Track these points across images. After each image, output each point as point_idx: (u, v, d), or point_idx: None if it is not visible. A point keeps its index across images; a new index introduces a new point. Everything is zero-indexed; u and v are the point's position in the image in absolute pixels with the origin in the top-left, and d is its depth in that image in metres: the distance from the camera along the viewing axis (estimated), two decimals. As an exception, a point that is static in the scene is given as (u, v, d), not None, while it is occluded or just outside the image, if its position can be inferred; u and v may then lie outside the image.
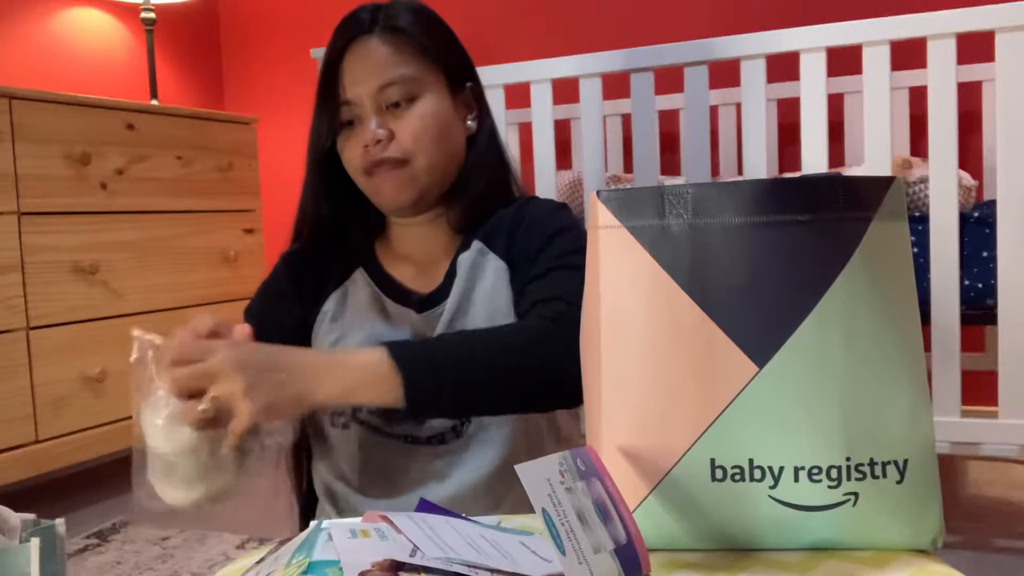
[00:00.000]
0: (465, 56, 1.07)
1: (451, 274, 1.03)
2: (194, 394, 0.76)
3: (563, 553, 0.51)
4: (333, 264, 1.08)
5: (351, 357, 0.83)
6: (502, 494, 0.95)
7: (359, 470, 0.99)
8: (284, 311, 1.05)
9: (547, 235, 1.00)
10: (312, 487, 1.08)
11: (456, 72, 1.04)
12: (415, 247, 1.08)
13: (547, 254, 0.98)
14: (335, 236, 1.08)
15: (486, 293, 1.00)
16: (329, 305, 1.05)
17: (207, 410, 0.75)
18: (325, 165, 1.04)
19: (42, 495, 2.43)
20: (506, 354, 0.86)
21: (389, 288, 1.05)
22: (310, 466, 1.08)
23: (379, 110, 0.99)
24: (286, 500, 1.13)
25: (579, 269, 0.70)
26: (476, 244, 1.03)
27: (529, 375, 0.85)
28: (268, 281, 1.10)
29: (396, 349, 0.83)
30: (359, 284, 1.06)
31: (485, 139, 1.07)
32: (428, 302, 1.02)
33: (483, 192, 1.05)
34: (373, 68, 0.98)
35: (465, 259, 1.02)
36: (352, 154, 1.01)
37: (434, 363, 0.84)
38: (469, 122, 1.06)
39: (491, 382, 0.85)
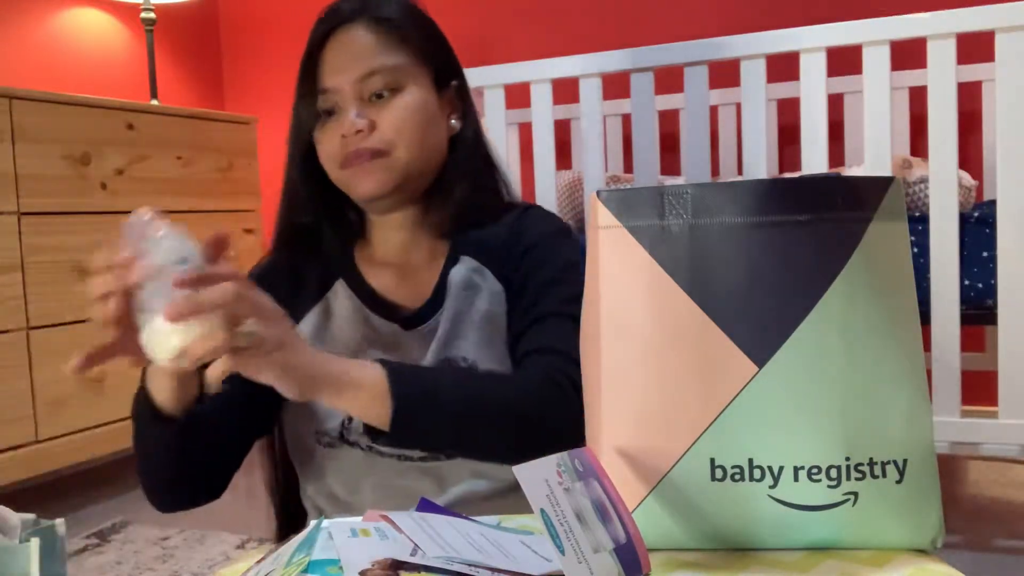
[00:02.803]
0: (451, 53, 1.04)
1: (440, 290, 0.98)
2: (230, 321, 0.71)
3: (562, 553, 0.51)
4: (309, 278, 1.03)
5: (353, 370, 0.81)
6: (495, 509, 0.92)
7: (350, 489, 0.96)
8: None
9: (552, 272, 0.96)
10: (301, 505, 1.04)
11: (441, 68, 1.01)
12: (396, 252, 1.03)
13: (551, 296, 0.94)
14: (310, 246, 1.03)
15: (481, 317, 0.96)
16: (310, 320, 1.00)
17: (244, 336, 0.71)
18: (304, 162, 1.01)
19: (42, 495, 2.43)
20: (506, 409, 0.84)
21: (372, 301, 1.00)
22: (295, 486, 1.05)
23: (360, 100, 0.95)
24: (276, 501, 1.11)
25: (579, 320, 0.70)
26: (469, 261, 0.98)
27: (523, 432, 0.84)
28: None
29: (395, 375, 0.81)
30: (340, 297, 1.01)
31: (470, 139, 1.03)
32: (416, 319, 0.98)
33: (466, 196, 1.00)
34: (356, 56, 0.95)
35: (457, 276, 0.97)
36: (329, 145, 0.97)
37: (432, 399, 0.82)
38: (453, 121, 1.02)
39: (484, 433, 0.84)
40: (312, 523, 0.64)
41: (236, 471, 0.98)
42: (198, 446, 0.90)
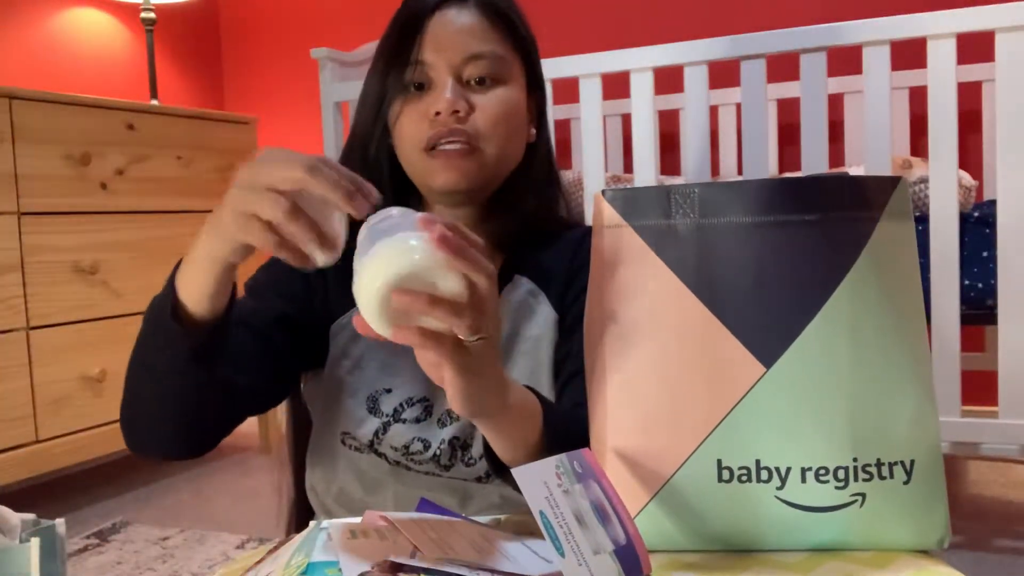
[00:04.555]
0: (539, 60, 0.99)
1: None
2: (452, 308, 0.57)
3: (562, 555, 0.51)
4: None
5: (529, 397, 0.73)
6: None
7: (369, 490, 0.91)
8: (286, 294, 0.92)
9: None
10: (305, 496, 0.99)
11: (533, 72, 0.97)
12: None
13: None
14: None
15: (532, 343, 0.91)
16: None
17: (474, 341, 0.59)
18: (372, 140, 0.93)
19: (42, 495, 2.43)
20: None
21: None
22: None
23: (458, 81, 0.89)
24: (287, 499, 1.08)
25: None
26: (525, 283, 0.93)
27: None
28: (273, 259, 0.93)
29: (547, 416, 0.74)
30: None
31: (542, 152, 0.99)
32: None
33: (533, 210, 0.96)
34: (465, 36, 0.89)
35: (511, 296, 0.92)
36: (414, 123, 0.89)
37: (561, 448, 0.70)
38: (532, 129, 0.97)
39: None
40: (312, 524, 0.63)
41: (231, 430, 0.85)
42: (214, 372, 0.76)
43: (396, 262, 0.54)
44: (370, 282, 0.55)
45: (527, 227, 0.95)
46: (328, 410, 0.93)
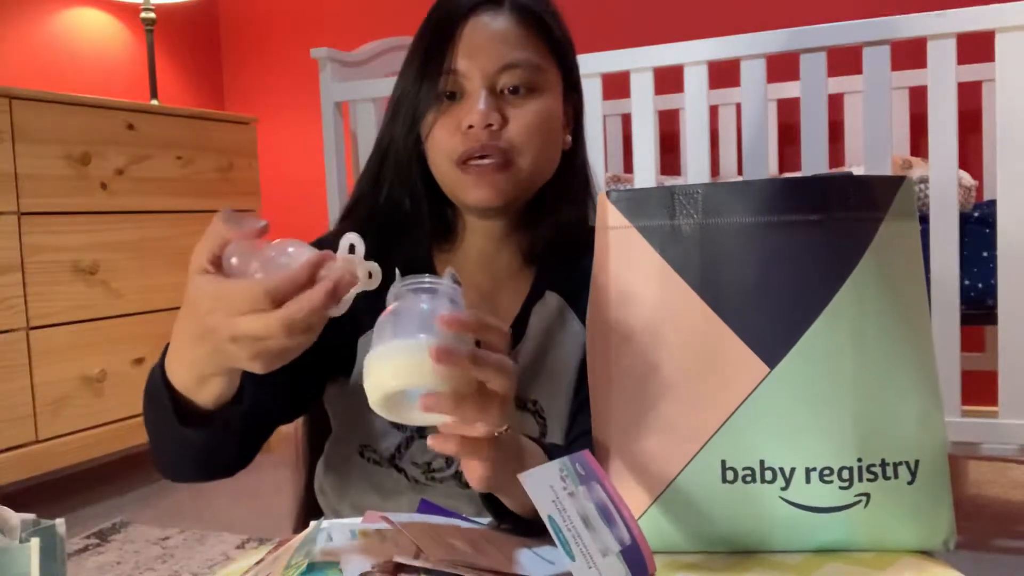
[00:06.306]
0: (576, 61, 0.96)
1: (519, 324, 0.89)
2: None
3: (572, 559, 0.51)
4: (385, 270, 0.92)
5: (538, 457, 0.70)
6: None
7: (384, 496, 0.90)
8: None
9: None
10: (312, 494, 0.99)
11: (570, 75, 0.94)
12: (481, 266, 0.94)
13: None
14: (390, 236, 0.92)
15: (558, 363, 0.89)
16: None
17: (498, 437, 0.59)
18: (404, 148, 0.90)
19: (42, 495, 2.43)
20: None
21: None
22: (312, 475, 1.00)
23: (491, 91, 0.86)
24: (299, 499, 1.04)
25: None
26: (553, 298, 0.91)
27: None
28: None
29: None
30: None
31: (579, 159, 0.96)
32: None
33: (570, 221, 0.92)
34: (499, 44, 0.86)
35: (540, 314, 0.90)
36: (447, 135, 0.87)
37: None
38: (567, 135, 0.94)
39: None
40: (312, 524, 0.63)
41: (262, 445, 0.85)
42: (228, 441, 0.75)
43: (400, 375, 0.53)
44: (375, 388, 0.54)
45: (560, 239, 0.92)
46: (349, 421, 0.92)
